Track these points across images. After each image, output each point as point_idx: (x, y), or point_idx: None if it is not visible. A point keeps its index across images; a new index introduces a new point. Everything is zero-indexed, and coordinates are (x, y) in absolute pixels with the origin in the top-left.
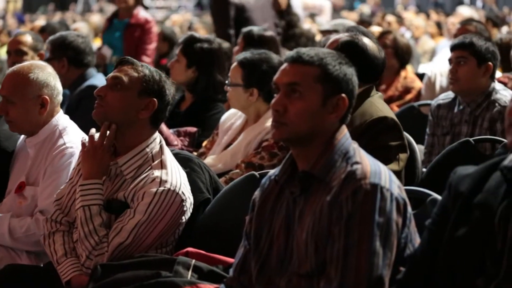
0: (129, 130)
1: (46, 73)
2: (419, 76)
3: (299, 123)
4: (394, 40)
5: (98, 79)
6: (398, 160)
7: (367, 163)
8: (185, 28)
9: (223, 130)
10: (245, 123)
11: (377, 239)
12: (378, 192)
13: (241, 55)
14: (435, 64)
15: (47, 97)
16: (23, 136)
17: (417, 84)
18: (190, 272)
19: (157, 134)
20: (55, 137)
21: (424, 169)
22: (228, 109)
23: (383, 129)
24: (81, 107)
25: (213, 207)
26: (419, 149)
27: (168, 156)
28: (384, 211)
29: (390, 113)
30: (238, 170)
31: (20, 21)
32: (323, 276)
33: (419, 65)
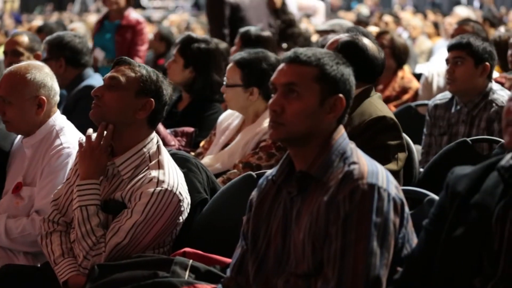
0: (126, 130)
1: (43, 74)
2: (416, 76)
3: (296, 123)
4: (391, 40)
5: (95, 79)
6: (396, 159)
7: (364, 163)
8: (183, 28)
9: (221, 130)
10: (242, 123)
11: (374, 239)
12: (375, 192)
13: (237, 55)
14: (432, 64)
15: (44, 98)
16: (20, 136)
17: (414, 84)
18: (187, 272)
19: (154, 134)
20: (52, 137)
21: (422, 169)
22: (226, 110)
23: (382, 128)
24: (78, 107)
25: (210, 207)
26: (416, 149)
27: (165, 156)
28: (381, 211)
29: (389, 113)
30: (236, 170)
31: (17, 21)
32: (321, 276)
33: (416, 65)
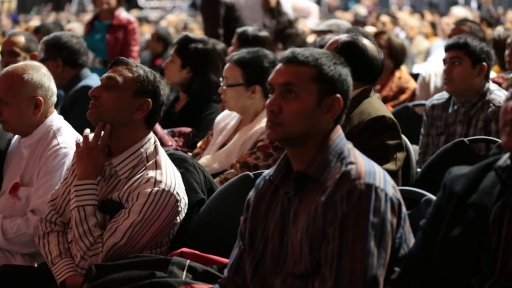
0: (123, 130)
1: (40, 74)
2: (413, 76)
3: (294, 123)
4: (389, 40)
5: (92, 80)
6: (395, 159)
7: (362, 163)
8: (180, 29)
9: (218, 130)
10: (240, 123)
11: (371, 239)
12: (372, 192)
13: (235, 55)
14: (430, 64)
15: (41, 98)
16: (17, 136)
17: (412, 84)
18: (184, 273)
19: (151, 135)
20: (49, 138)
21: (419, 169)
22: (223, 110)
23: (381, 128)
24: (76, 108)
25: (207, 207)
26: (413, 149)
27: (163, 157)
28: (378, 211)
29: (388, 113)
30: (233, 170)
31: (15, 21)
32: (318, 276)
33: (413, 65)
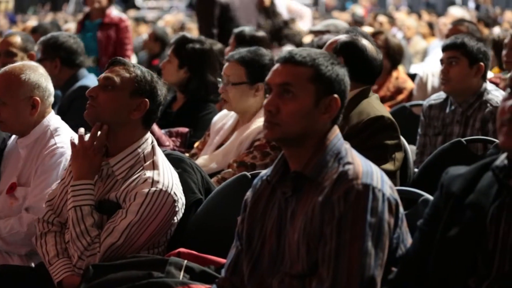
0: (121, 130)
1: (37, 74)
2: (410, 76)
3: (291, 123)
4: (386, 40)
5: (90, 80)
6: (394, 159)
7: (359, 164)
8: (177, 29)
9: (215, 131)
10: (237, 123)
11: (369, 239)
12: (370, 192)
13: (237, 54)
14: (427, 65)
15: (38, 98)
16: (14, 137)
17: (409, 84)
18: (182, 273)
19: (149, 135)
20: (46, 138)
21: (416, 170)
22: (220, 110)
23: (379, 128)
24: (73, 108)
25: (205, 207)
26: (411, 150)
27: (160, 157)
28: (376, 211)
29: (386, 113)
30: (230, 169)
31: (12, 21)
32: (315, 276)
33: (410, 66)
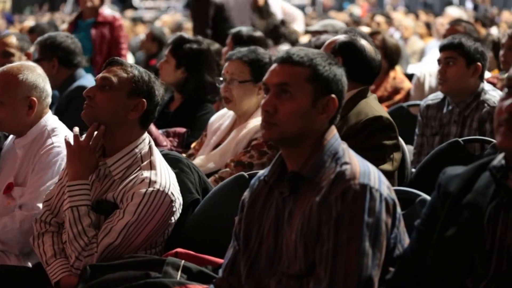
0: (118, 130)
1: (35, 75)
2: (408, 76)
3: (289, 123)
4: (383, 40)
5: (87, 80)
6: (392, 160)
7: (356, 164)
8: (175, 29)
9: (212, 131)
10: (234, 123)
11: (366, 239)
12: (367, 192)
13: (239, 53)
14: (424, 65)
15: (35, 99)
16: (11, 137)
17: (406, 84)
18: (179, 273)
19: (146, 135)
20: (43, 138)
21: (413, 170)
22: (218, 110)
23: (378, 128)
24: (71, 108)
25: (202, 208)
26: (408, 150)
27: (157, 157)
28: (373, 211)
29: (385, 113)
30: (228, 169)
31: (9, 21)
32: (313, 276)
33: (408, 66)
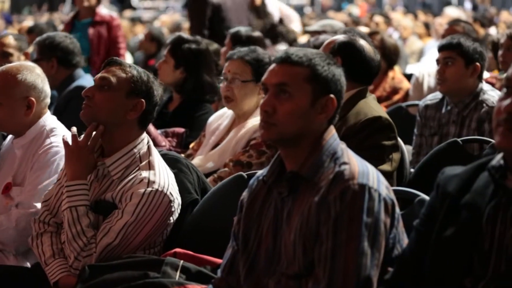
0: (117, 130)
1: (34, 75)
2: (407, 76)
3: (288, 123)
4: (382, 40)
5: (86, 80)
6: (391, 160)
7: (355, 164)
8: (173, 29)
9: (210, 131)
10: (232, 123)
11: (365, 239)
12: (366, 192)
13: (240, 52)
14: (423, 65)
15: (33, 99)
16: (10, 137)
17: (405, 84)
18: (178, 273)
19: (145, 135)
20: (42, 138)
21: (412, 170)
22: (216, 110)
23: (377, 128)
24: (69, 108)
25: (201, 208)
26: (407, 150)
27: (156, 157)
28: (372, 211)
29: (384, 114)
30: (227, 168)
31: (8, 21)
32: (312, 276)
33: (407, 66)
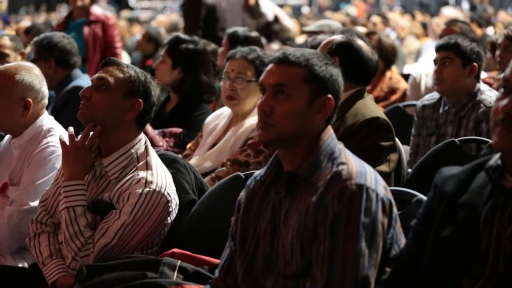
0: (114, 131)
1: (32, 76)
2: (404, 76)
3: (285, 123)
4: (379, 40)
5: (83, 80)
6: (389, 161)
7: (353, 164)
8: (171, 29)
9: (207, 131)
10: (230, 122)
11: (362, 239)
12: (363, 192)
13: (242, 52)
14: (421, 65)
15: (30, 100)
16: (8, 136)
17: (402, 84)
18: (175, 273)
19: (142, 135)
20: (40, 138)
21: (410, 170)
22: (214, 110)
23: (375, 129)
24: (67, 108)
25: (198, 208)
26: (404, 150)
27: (153, 157)
28: (369, 211)
29: (382, 114)
30: (224, 168)
31: (5, 22)
32: (309, 276)
33: (404, 66)
